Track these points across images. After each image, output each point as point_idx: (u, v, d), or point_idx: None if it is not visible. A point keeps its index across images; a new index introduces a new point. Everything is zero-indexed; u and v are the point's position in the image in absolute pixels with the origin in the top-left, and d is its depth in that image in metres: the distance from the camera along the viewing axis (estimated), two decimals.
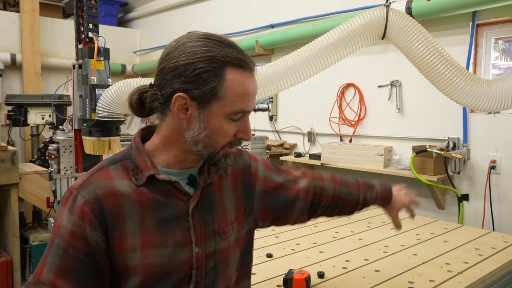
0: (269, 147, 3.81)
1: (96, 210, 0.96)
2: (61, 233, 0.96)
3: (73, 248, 0.94)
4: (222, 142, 1.00)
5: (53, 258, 0.95)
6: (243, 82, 0.98)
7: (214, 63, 0.95)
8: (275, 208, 1.23)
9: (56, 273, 0.94)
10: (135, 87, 1.06)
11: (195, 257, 1.02)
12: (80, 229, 0.95)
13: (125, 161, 1.03)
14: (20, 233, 3.56)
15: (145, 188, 1.00)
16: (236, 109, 0.98)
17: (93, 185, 0.98)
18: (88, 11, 2.69)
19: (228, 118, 0.98)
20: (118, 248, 0.97)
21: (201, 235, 1.04)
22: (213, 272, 1.06)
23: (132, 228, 0.97)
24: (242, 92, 0.98)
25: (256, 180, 1.21)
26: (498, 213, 3.02)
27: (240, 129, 1.02)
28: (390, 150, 3.58)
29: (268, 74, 2.31)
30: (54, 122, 4.11)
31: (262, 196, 1.21)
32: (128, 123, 5.97)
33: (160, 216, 1.00)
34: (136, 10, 6.89)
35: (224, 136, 1.00)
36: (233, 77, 0.96)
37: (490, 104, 2.14)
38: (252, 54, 4.67)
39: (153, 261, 0.98)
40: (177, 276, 1.01)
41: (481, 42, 3.19)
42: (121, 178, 1.01)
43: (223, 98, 0.96)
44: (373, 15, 2.19)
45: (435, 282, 1.56)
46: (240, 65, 0.97)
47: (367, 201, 1.39)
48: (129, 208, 0.98)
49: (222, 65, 0.95)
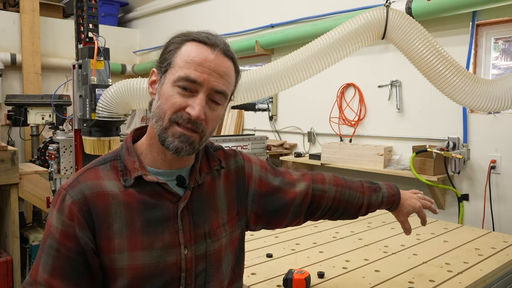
0: (269, 147, 3.81)
1: (84, 210, 0.95)
2: (52, 233, 0.97)
3: (64, 247, 0.95)
4: (169, 113, 0.96)
5: (46, 258, 0.96)
6: (195, 50, 0.98)
7: (177, 38, 1.00)
8: (269, 212, 1.20)
9: (51, 272, 0.95)
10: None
11: (184, 259, 1.01)
12: (70, 228, 0.95)
13: (115, 162, 1.03)
14: (20, 233, 3.56)
15: (133, 189, 0.99)
16: (182, 74, 0.96)
17: (81, 185, 0.98)
18: (88, 11, 2.69)
19: (175, 85, 0.96)
20: (106, 248, 0.96)
21: (191, 237, 1.02)
22: (204, 274, 1.04)
23: (120, 229, 0.97)
24: (190, 59, 0.96)
25: (250, 181, 1.18)
26: (498, 213, 3.02)
27: (190, 103, 0.96)
28: (390, 150, 3.58)
29: (268, 74, 2.31)
30: (54, 122, 4.11)
31: (257, 198, 1.18)
32: (128, 123, 5.97)
33: (148, 218, 0.99)
34: (136, 10, 6.89)
35: (170, 105, 0.96)
36: (188, 47, 0.98)
37: (490, 104, 2.14)
38: (252, 54, 4.68)
39: (140, 263, 0.97)
40: (165, 278, 1.00)
41: (481, 42, 3.19)
42: (110, 178, 1.00)
43: (173, 66, 0.98)
44: (373, 15, 2.20)
45: (435, 282, 1.56)
46: (200, 40, 0.99)
47: (372, 205, 1.31)
48: (116, 209, 0.97)
49: (183, 40, 0.99)
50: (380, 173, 3.47)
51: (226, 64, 1.00)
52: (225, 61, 1.00)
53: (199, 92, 0.96)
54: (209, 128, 1.00)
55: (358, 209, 1.31)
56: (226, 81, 0.99)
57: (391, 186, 1.37)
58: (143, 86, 2.35)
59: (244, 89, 2.33)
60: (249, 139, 3.58)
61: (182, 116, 0.95)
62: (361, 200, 1.30)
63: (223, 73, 0.98)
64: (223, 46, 1.00)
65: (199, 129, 0.97)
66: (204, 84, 0.96)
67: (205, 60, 0.96)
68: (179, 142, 0.96)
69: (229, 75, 1.01)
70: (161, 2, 6.26)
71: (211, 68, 0.97)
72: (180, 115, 0.96)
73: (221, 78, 0.98)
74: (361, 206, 1.31)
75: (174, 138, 0.96)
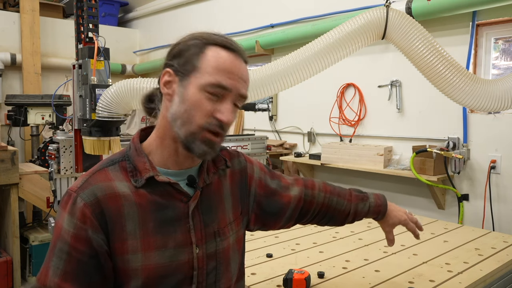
0: (269, 147, 3.81)
1: (97, 212, 0.95)
2: (63, 236, 0.95)
3: (76, 251, 0.94)
4: (199, 119, 0.96)
5: (57, 261, 0.94)
6: (223, 56, 0.99)
7: (197, 40, 1.00)
8: (267, 214, 1.23)
9: (62, 276, 0.93)
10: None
11: (196, 258, 1.02)
12: (82, 231, 0.94)
13: (123, 162, 1.03)
14: (20, 233, 3.56)
15: (144, 190, 0.99)
16: (213, 81, 0.96)
17: (92, 187, 0.97)
18: (88, 11, 2.69)
19: (205, 91, 0.96)
20: (119, 250, 0.96)
21: (202, 236, 1.04)
22: (215, 272, 1.06)
23: (133, 230, 0.97)
24: (221, 65, 0.97)
25: (252, 182, 1.21)
26: (498, 213, 3.02)
27: (218, 108, 0.97)
28: (390, 150, 3.58)
29: (268, 74, 2.30)
30: (54, 122, 4.12)
31: (257, 199, 1.21)
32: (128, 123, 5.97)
33: (160, 218, 1.00)
34: (136, 10, 6.89)
35: (200, 111, 0.96)
36: (214, 52, 0.99)
37: (490, 104, 2.14)
38: (252, 54, 4.68)
39: (154, 263, 0.97)
40: (178, 277, 1.01)
41: (481, 42, 3.19)
42: (120, 179, 1.00)
43: (200, 70, 0.97)
44: (373, 15, 2.19)
45: (435, 282, 1.56)
46: (223, 45, 1.00)
47: (358, 213, 1.36)
48: (129, 210, 0.97)
49: (205, 43, 0.99)
50: (380, 173, 3.47)
51: (246, 69, 1.04)
52: (245, 66, 1.04)
53: (226, 98, 0.98)
54: (228, 131, 1.03)
55: (345, 217, 1.36)
56: (247, 85, 1.05)
57: (379, 197, 1.41)
58: (143, 86, 2.35)
59: None
60: (249, 139, 3.59)
61: (212, 122, 0.97)
62: (348, 208, 1.34)
63: (246, 79, 1.03)
64: (243, 51, 1.03)
65: (225, 133, 1.01)
66: (234, 91, 0.99)
67: (234, 67, 0.99)
68: (207, 147, 0.98)
69: (248, 80, 1.05)
70: (161, 2, 6.26)
71: (238, 75, 1.00)
72: (211, 121, 0.97)
73: (245, 83, 1.03)
74: (348, 214, 1.35)
75: (202, 143, 0.98)
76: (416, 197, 3.45)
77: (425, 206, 3.39)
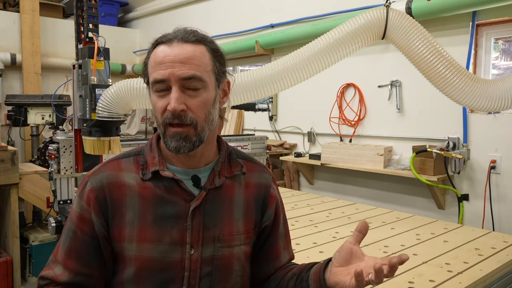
0: (269, 147, 3.80)
1: (100, 197, 1.02)
2: (72, 216, 1.05)
3: (80, 230, 1.02)
4: (159, 117, 1.00)
5: (65, 239, 1.04)
6: (157, 53, 1.00)
7: (150, 47, 1.04)
8: (258, 251, 1.15)
9: (67, 253, 1.03)
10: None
11: (189, 259, 1.01)
12: (86, 213, 1.02)
13: (138, 156, 1.08)
14: (20, 233, 3.56)
15: (150, 183, 1.03)
16: (152, 80, 0.99)
17: (101, 174, 1.05)
18: (88, 11, 2.68)
19: (154, 91, 1.00)
20: (117, 237, 1.01)
21: (199, 237, 1.02)
22: (210, 278, 1.03)
23: (132, 220, 1.01)
24: (154, 62, 0.99)
25: (272, 204, 1.15)
26: (498, 213, 3.02)
27: (169, 101, 0.97)
28: (390, 150, 3.58)
29: (268, 74, 2.30)
30: (54, 122, 4.11)
31: (263, 229, 1.14)
32: (128, 123, 5.98)
33: (160, 212, 1.01)
34: (136, 10, 6.89)
35: (157, 110, 1.00)
36: (153, 53, 1.01)
37: (490, 104, 2.14)
38: (252, 54, 4.68)
39: (147, 255, 1.00)
40: (170, 275, 1.01)
41: (481, 42, 3.19)
42: (130, 171, 1.05)
43: (149, 75, 1.01)
44: (373, 15, 2.19)
45: (435, 282, 1.56)
46: (161, 42, 1.01)
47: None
48: (131, 200, 1.02)
49: (152, 48, 1.03)
50: (380, 173, 3.47)
51: (187, 50, 0.98)
52: (185, 47, 0.98)
53: (171, 88, 0.97)
54: (199, 117, 0.98)
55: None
56: (192, 64, 0.97)
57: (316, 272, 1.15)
58: (143, 86, 2.35)
59: (244, 89, 2.32)
60: (249, 139, 3.58)
61: (168, 115, 0.97)
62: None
63: (184, 59, 0.97)
64: (182, 35, 0.99)
65: (186, 121, 0.97)
66: (171, 78, 0.96)
67: (165, 56, 0.98)
68: (175, 141, 0.98)
69: (193, 58, 0.98)
70: (161, 2, 6.26)
71: (171, 60, 0.96)
72: (166, 115, 0.97)
73: (184, 64, 0.96)
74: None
75: (170, 139, 0.98)
76: (416, 197, 3.45)
77: (425, 206, 3.39)
